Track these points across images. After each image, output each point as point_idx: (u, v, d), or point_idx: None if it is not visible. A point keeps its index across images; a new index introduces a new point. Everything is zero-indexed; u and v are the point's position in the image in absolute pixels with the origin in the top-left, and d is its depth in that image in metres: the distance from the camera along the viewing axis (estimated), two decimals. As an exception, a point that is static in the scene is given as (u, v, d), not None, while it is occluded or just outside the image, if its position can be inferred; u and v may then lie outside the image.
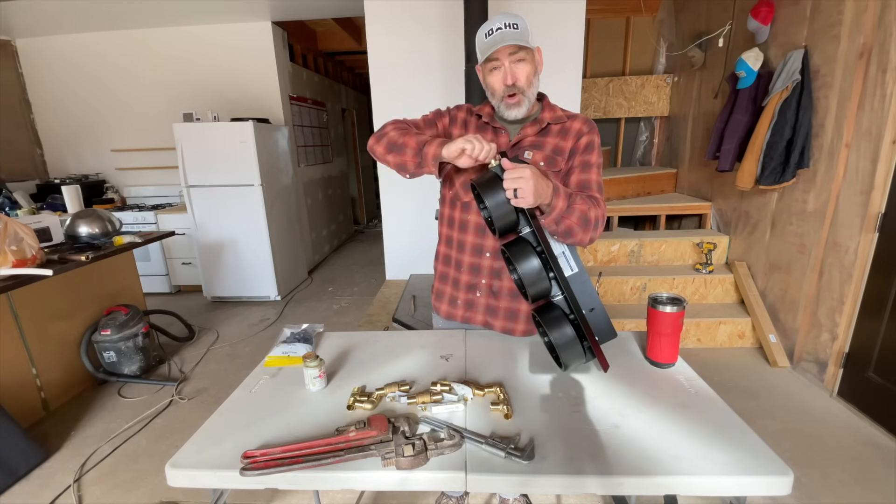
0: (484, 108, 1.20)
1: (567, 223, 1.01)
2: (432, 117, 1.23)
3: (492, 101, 1.15)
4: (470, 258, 1.22)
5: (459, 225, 1.22)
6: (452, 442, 0.79)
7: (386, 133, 1.10)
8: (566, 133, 1.14)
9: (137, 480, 1.84)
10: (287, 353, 1.16)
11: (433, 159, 1.00)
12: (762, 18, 2.59)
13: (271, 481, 0.75)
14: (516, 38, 1.01)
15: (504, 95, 1.08)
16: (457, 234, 1.23)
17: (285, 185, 4.14)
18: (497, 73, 1.07)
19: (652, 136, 4.33)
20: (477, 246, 1.20)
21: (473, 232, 1.20)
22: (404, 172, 1.08)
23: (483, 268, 1.21)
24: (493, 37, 1.03)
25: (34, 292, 2.19)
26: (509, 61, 1.04)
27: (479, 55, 1.07)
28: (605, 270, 3.08)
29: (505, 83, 1.06)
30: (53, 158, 4.44)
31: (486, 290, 1.22)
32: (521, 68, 1.05)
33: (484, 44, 1.05)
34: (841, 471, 1.77)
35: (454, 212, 1.23)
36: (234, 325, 3.42)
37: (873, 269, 2.06)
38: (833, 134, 2.22)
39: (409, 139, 1.05)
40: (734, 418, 0.87)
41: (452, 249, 1.25)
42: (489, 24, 1.05)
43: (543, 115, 1.15)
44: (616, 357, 1.12)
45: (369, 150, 1.13)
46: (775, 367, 2.54)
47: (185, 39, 4.04)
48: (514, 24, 1.02)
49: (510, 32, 1.01)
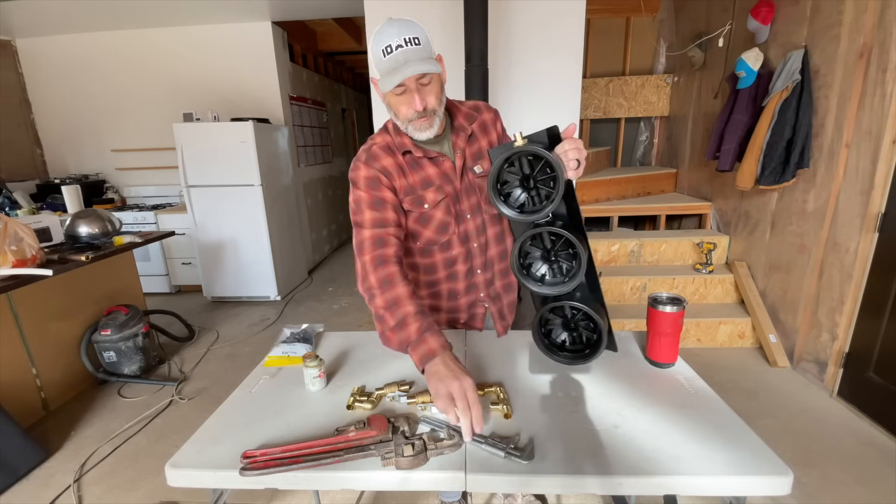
0: (402, 139, 1.07)
1: None
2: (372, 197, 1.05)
3: (396, 121, 1.04)
4: (464, 283, 1.19)
5: (445, 264, 1.16)
6: (452, 442, 0.79)
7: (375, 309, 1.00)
8: (485, 127, 1.14)
9: (137, 480, 1.84)
10: (287, 353, 1.16)
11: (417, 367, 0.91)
12: (762, 18, 2.59)
13: (271, 481, 0.75)
14: (421, 57, 0.91)
15: (412, 118, 0.98)
16: (443, 273, 1.18)
17: (285, 185, 4.15)
18: (403, 97, 0.96)
19: (652, 136, 4.33)
20: (467, 271, 1.18)
21: (462, 261, 1.17)
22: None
23: (478, 284, 1.20)
24: (395, 56, 0.90)
25: (34, 292, 2.19)
26: (416, 85, 0.94)
27: (377, 73, 0.95)
28: (605, 270, 3.08)
29: (415, 108, 0.96)
30: (53, 158, 4.45)
31: (489, 300, 1.23)
32: (430, 90, 0.96)
33: (384, 64, 0.92)
34: (841, 471, 1.77)
35: (432, 258, 1.16)
36: (234, 325, 3.42)
37: (873, 269, 2.06)
38: (833, 134, 2.22)
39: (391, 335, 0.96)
40: (734, 418, 0.87)
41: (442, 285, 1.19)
42: (385, 38, 0.91)
43: (459, 121, 1.10)
44: (616, 357, 1.12)
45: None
46: (775, 367, 2.54)
47: (185, 39, 4.04)
48: (414, 40, 0.90)
49: (413, 51, 0.90)
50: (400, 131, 1.07)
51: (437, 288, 1.21)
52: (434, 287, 1.21)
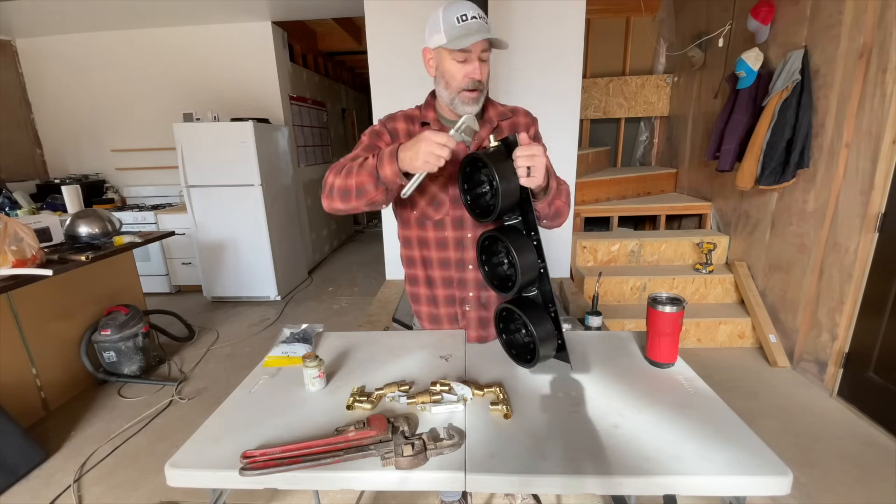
0: (427, 112, 1.11)
1: (558, 203, 1.03)
2: (370, 141, 1.10)
3: (443, 92, 1.05)
4: (456, 274, 1.18)
5: (437, 244, 1.17)
6: (452, 442, 0.79)
7: (332, 185, 1.00)
8: (516, 129, 1.14)
9: (137, 480, 1.84)
10: (287, 353, 1.16)
11: (395, 177, 0.91)
12: (762, 18, 2.59)
13: (271, 481, 0.75)
14: (493, 33, 0.97)
15: (462, 89, 1.01)
16: (436, 254, 1.18)
17: (285, 185, 4.15)
18: (465, 65, 0.99)
19: (652, 136, 4.33)
20: (459, 260, 1.17)
21: (454, 247, 1.16)
22: (380, 206, 1.01)
23: (468, 281, 1.18)
24: (469, 24, 0.95)
25: (34, 292, 2.19)
26: (479, 57, 0.99)
27: (444, 38, 0.97)
28: (605, 270, 3.08)
29: (473, 76, 0.99)
30: (53, 158, 4.45)
31: (475, 303, 1.21)
32: (486, 68, 1.02)
33: (456, 29, 0.95)
34: (841, 471, 1.77)
35: (426, 232, 1.17)
36: (234, 325, 3.42)
37: (873, 269, 2.06)
38: (833, 134, 2.22)
39: (359, 177, 0.95)
40: (734, 418, 0.87)
41: (434, 270, 1.20)
42: (461, 9, 0.96)
43: (489, 114, 1.12)
44: (616, 357, 1.12)
45: (330, 211, 1.04)
46: (775, 367, 2.54)
47: (185, 39, 4.04)
48: (484, 19, 0.97)
49: (484, 25, 0.96)
50: (430, 106, 1.12)
51: (431, 271, 1.21)
52: (428, 268, 1.21)
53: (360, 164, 0.96)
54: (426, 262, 1.21)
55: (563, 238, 3.25)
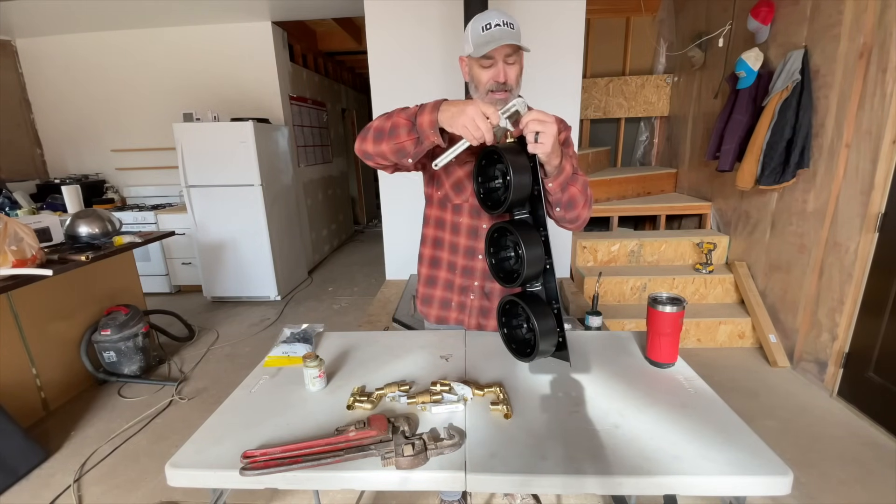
0: None
1: (572, 191, 1.04)
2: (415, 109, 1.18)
3: (475, 95, 1.12)
4: (463, 261, 1.22)
5: (451, 227, 1.22)
6: (452, 442, 0.79)
7: (371, 125, 1.05)
8: None
9: (137, 480, 1.84)
10: (287, 353, 1.16)
11: (431, 127, 0.94)
12: (762, 18, 2.59)
13: (271, 481, 0.75)
14: (514, 38, 1.00)
15: (489, 90, 1.06)
16: (448, 237, 1.22)
17: (285, 185, 4.15)
18: (489, 70, 1.05)
19: (652, 136, 4.33)
20: (469, 248, 1.20)
21: (466, 234, 1.20)
22: (405, 157, 1.01)
23: (476, 270, 1.22)
24: (492, 32, 1.01)
25: (34, 292, 2.19)
26: (504, 61, 1.04)
27: (471, 47, 1.05)
28: (605, 270, 3.08)
29: (497, 79, 1.04)
30: (53, 158, 4.45)
31: (479, 293, 1.24)
32: (513, 69, 1.06)
33: (480, 37, 1.02)
34: (841, 471, 1.77)
35: (444, 213, 1.22)
36: (234, 325, 3.42)
37: (873, 269, 2.06)
38: (833, 134, 2.22)
39: (398, 118, 0.99)
40: (734, 418, 0.87)
41: (444, 251, 1.24)
42: (486, 18, 1.03)
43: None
44: (616, 357, 1.12)
45: (360, 154, 1.07)
46: (775, 367, 2.54)
47: (184, 39, 4.04)
48: (510, 24, 1.02)
49: (508, 31, 1.00)
50: None
51: (440, 252, 1.24)
52: (438, 248, 1.25)
53: (403, 108, 1.02)
54: (436, 243, 1.25)
55: (563, 238, 3.26)
